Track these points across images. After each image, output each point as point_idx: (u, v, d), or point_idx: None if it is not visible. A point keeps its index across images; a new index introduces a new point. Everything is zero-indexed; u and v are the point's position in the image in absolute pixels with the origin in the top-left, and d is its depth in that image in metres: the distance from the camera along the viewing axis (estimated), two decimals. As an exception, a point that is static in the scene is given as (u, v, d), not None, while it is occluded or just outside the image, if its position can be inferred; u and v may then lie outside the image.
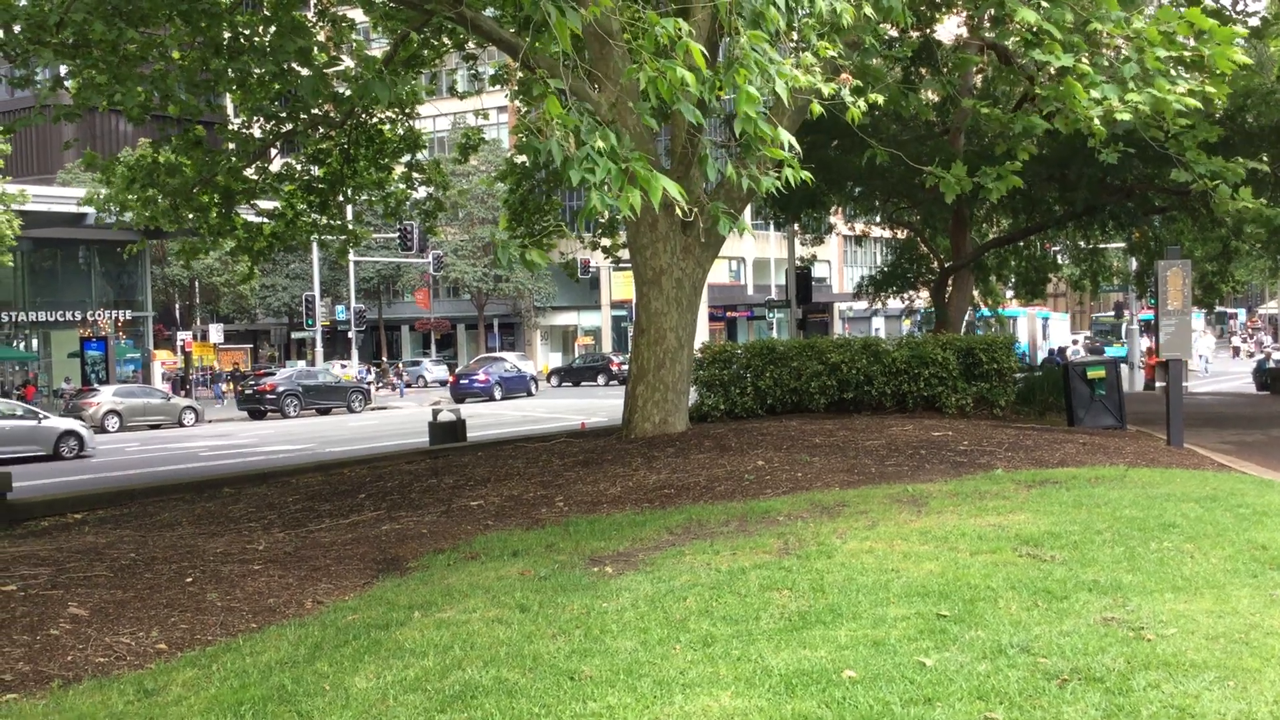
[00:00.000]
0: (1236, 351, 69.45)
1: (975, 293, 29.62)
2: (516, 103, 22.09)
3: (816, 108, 9.22)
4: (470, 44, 19.18)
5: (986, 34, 17.25)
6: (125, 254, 22.84)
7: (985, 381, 17.44)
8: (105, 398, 38.83)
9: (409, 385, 62.75)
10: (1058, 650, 5.34)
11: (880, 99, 11.51)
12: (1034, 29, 12.29)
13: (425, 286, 68.92)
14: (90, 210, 32.88)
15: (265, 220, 20.66)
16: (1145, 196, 22.84)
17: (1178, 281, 15.14)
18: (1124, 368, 26.22)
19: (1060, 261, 36.69)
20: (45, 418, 30.57)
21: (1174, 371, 15.41)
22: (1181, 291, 15.18)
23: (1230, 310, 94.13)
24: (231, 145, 18.96)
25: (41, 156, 67.63)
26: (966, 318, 27.52)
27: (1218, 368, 54.69)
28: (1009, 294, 38.18)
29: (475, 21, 13.56)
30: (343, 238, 22.23)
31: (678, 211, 7.81)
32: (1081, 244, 31.21)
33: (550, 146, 6.90)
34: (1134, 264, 33.89)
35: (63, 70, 16.12)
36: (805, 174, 8.25)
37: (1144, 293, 34.20)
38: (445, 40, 19.08)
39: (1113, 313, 67.80)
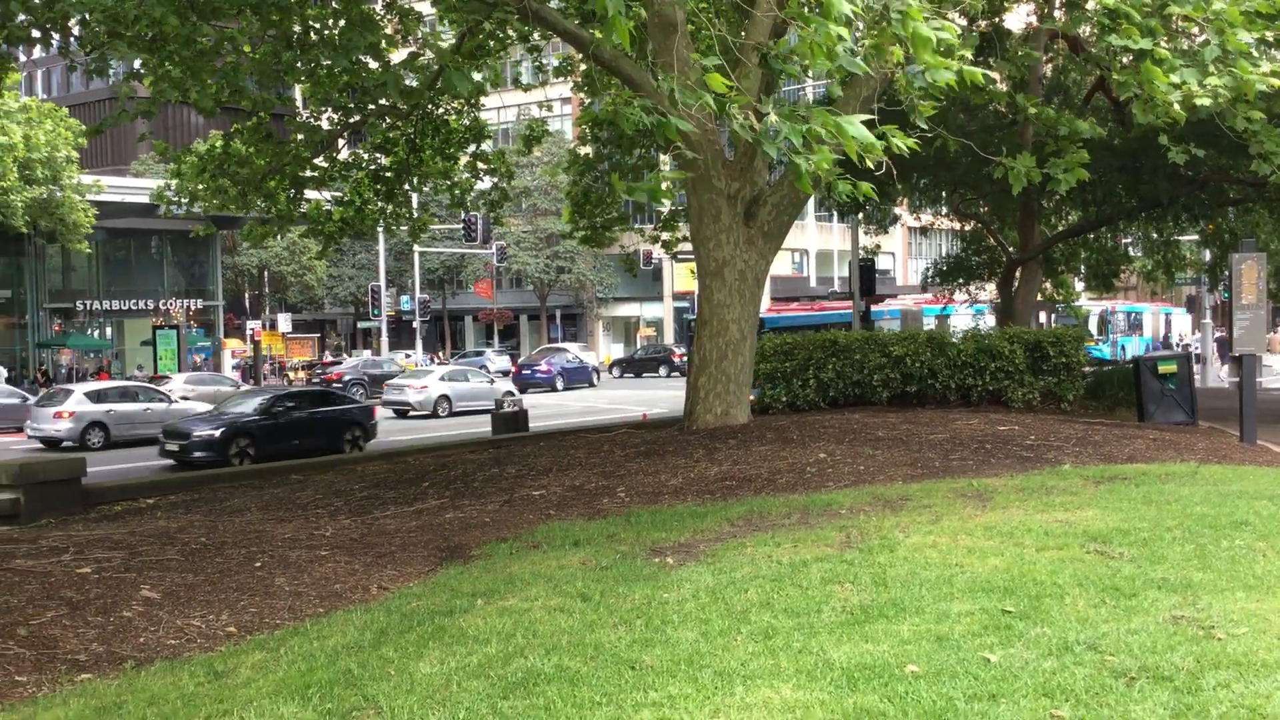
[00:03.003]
0: None
1: (1047, 284, 29.15)
2: (580, 94, 22.13)
3: (901, 76, 9.01)
4: (535, 36, 19.26)
5: (1058, 22, 16.93)
6: (194, 234, 23.69)
7: (1053, 375, 17.19)
8: (177, 385, 39.52)
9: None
10: (1125, 648, 5.26)
11: (979, 77, 11.19)
12: (1112, 12, 12.02)
13: (489, 277, 69.35)
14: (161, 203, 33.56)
15: (335, 206, 21.00)
16: (1219, 188, 22.33)
17: (1252, 275, 14.81)
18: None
19: (1131, 253, 35.89)
20: (494, 381, 40.49)
21: (1248, 367, 15.10)
22: (1256, 285, 14.84)
23: None
24: (300, 136, 19.23)
25: (116, 148, 69.11)
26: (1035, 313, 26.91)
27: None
28: (1079, 285, 37.47)
29: (539, 14, 13.59)
30: (411, 222, 22.57)
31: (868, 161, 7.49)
32: (1154, 235, 30.57)
33: (735, 128, 6.90)
34: (1207, 255, 33.06)
35: (137, 64, 16.42)
36: (911, 141, 7.90)
37: (1216, 285, 33.40)
38: (510, 32, 19.18)
39: (1085, 304, 59.58)
